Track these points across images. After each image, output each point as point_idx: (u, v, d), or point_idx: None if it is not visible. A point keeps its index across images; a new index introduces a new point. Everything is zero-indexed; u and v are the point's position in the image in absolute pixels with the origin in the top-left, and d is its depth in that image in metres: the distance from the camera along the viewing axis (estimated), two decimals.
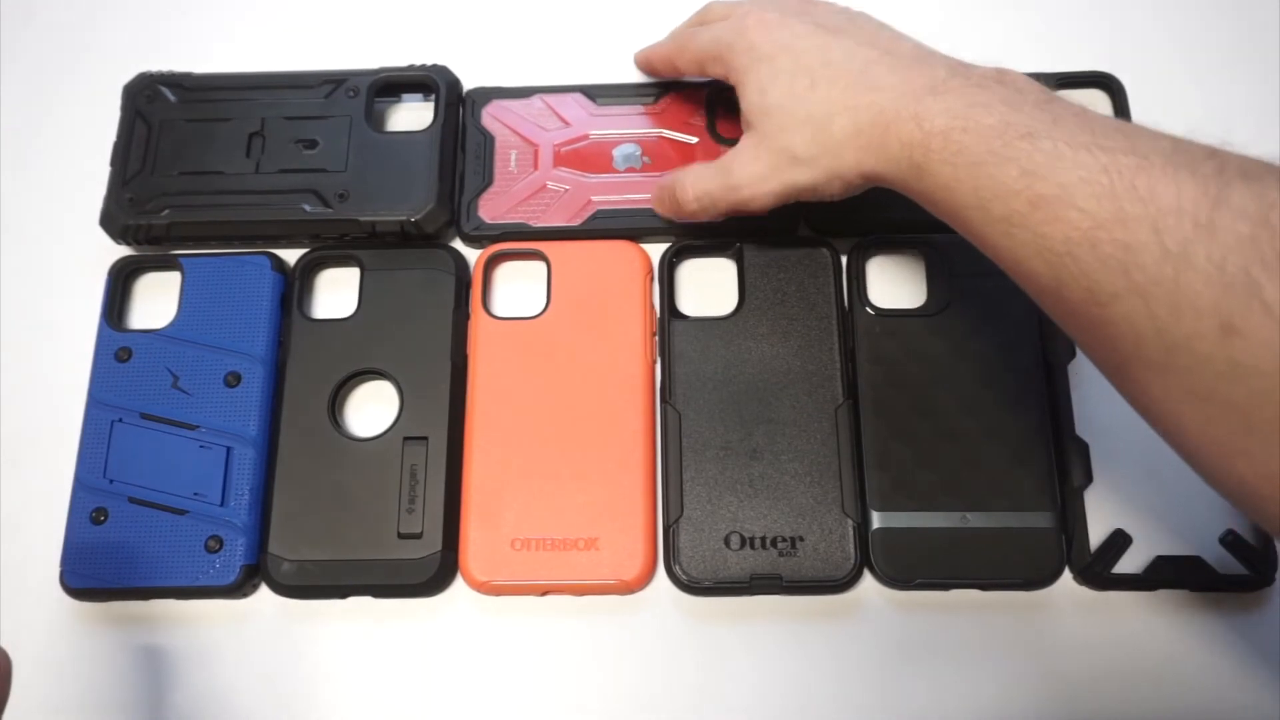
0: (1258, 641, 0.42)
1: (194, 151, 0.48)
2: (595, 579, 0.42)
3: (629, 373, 0.45)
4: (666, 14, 0.51)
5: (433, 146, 0.48)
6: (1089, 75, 0.51)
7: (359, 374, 0.45)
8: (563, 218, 0.48)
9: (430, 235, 0.48)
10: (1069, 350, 0.44)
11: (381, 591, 0.42)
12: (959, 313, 0.45)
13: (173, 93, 0.50)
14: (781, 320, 0.46)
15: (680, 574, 0.42)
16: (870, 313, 0.45)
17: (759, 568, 0.42)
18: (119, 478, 0.43)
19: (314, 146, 0.48)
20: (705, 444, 0.43)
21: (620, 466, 0.43)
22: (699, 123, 0.50)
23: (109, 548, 0.42)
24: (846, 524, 0.42)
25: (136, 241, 0.48)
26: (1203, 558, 0.41)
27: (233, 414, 0.44)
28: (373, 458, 0.44)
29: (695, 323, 0.46)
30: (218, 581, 0.42)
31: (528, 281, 0.48)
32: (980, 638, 0.42)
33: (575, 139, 0.50)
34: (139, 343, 0.46)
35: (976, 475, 0.43)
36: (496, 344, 0.46)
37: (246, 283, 0.47)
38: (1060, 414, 0.43)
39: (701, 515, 0.42)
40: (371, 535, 0.42)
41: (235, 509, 0.43)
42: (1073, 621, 0.42)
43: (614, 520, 0.43)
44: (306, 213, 0.47)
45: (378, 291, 0.47)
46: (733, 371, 0.45)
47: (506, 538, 0.42)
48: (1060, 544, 0.42)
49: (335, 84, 0.50)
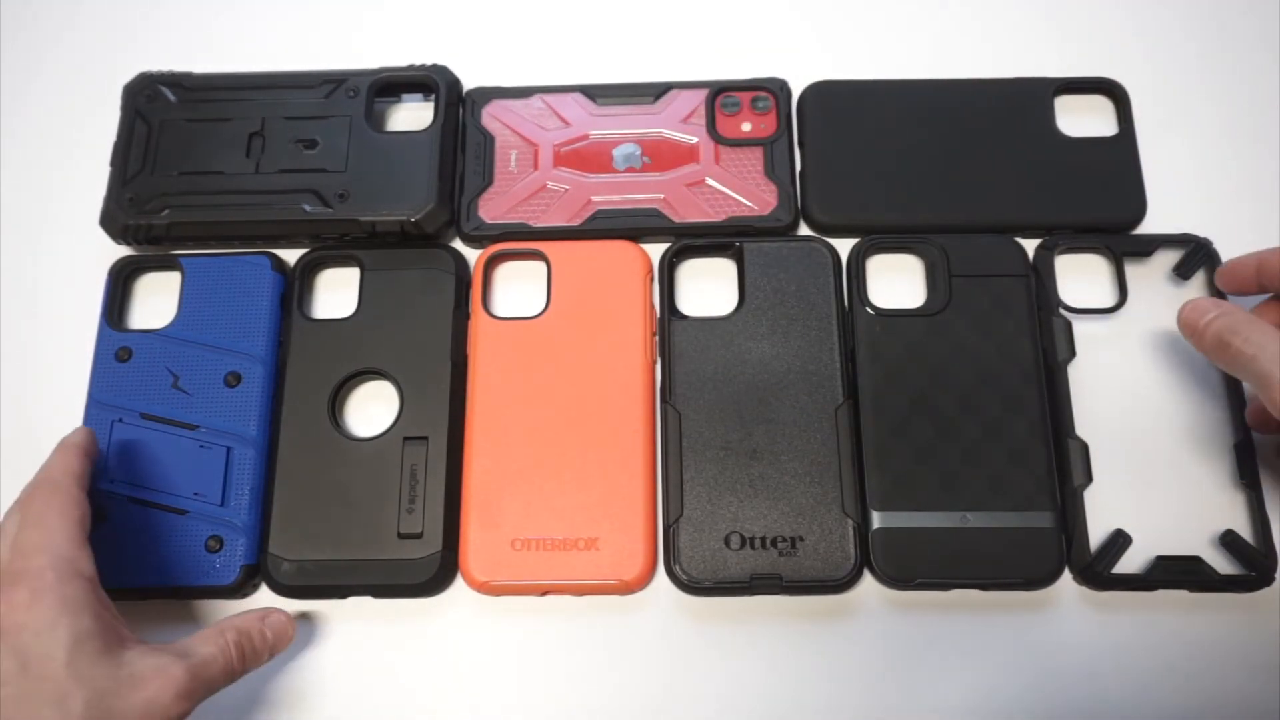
0: (1257, 642, 0.42)
1: (194, 151, 0.48)
2: (595, 579, 0.42)
3: (629, 373, 0.45)
4: (666, 14, 0.51)
5: (433, 146, 0.48)
6: (1093, 81, 0.51)
7: (359, 374, 0.46)
8: (563, 218, 0.48)
9: (430, 235, 0.48)
10: (1069, 350, 0.44)
11: (381, 591, 0.42)
12: (959, 313, 0.45)
13: (173, 93, 0.50)
14: (781, 320, 0.46)
15: (680, 574, 0.42)
16: (870, 312, 0.45)
17: (759, 568, 0.42)
18: (119, 478, 0.43)
19: (314, 146, 0.48)
20: (705, 444, 0.43)
21: (620, 466, 0.43)
22: (699, 123, 0.50)
23: (109, 548, 0.42)
24: (846, 524, 0.42)
25: (136, 241, 0.48)
26: (1202, 558, 0.41)
27: (233, 414, 0.44)
28: (373, 458, 0.44)
29: (695, 322, 0.46)
30: (218, 581, 0.42)
31: (528, 281, 0.48)
32: (980, 638, 0.42)
33: (575, 139, 0.50)
34: (139, 343, 0.46)
35: (976, 475, 0.43)
36: (496, 344, 0.46)
37: (246, 283, 0.47)
38: (1060, 414, 0.44)
39: (701, 515, 0.42)
40: (371, 535, 0.42)
41: (235, 509, 0.43)
42: (1072, 621, 0.42)
43: (614, 520, 0.43)
44: (306, 213, 0.47)
45: (378, 291, 0.47)
46: (733, 371, 0.45)
47: (506, 538, 0.42)
48: (1060, 544, 0.42)
49: (335, 84, 0.50)
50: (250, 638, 0.38)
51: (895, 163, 0.49)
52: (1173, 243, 0.46)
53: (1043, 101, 0.50)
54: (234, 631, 0.37)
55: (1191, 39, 0.53)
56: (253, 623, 0.38)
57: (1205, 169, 0.50)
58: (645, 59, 0.53)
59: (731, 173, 0.49)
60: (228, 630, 0.37)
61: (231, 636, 0.37)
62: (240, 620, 0.38)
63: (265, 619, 0.39)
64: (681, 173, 0.49)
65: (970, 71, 0.51)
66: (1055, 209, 0.48)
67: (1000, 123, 0.50)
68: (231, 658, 0.37)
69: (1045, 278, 0.46)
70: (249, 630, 0.38)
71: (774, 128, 0.50)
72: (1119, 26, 0.53)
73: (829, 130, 0.50)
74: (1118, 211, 0.48)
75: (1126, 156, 0.49)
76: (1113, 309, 0.46)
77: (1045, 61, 0.51)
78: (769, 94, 0.50)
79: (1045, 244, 0.47)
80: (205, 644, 0.36)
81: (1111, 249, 0.46)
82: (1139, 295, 0.46)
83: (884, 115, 0.50)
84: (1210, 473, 0.43)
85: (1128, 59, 0.52)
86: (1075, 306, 0.45)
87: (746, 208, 0.48)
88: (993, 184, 0.48)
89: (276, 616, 0.40)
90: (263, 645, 0.39)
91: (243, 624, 0.38)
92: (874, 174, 0.49)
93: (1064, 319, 0.45)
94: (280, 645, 0.40)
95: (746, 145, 0.49)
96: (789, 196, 0.48)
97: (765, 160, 0.49)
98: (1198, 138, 0.51)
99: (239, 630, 0.38)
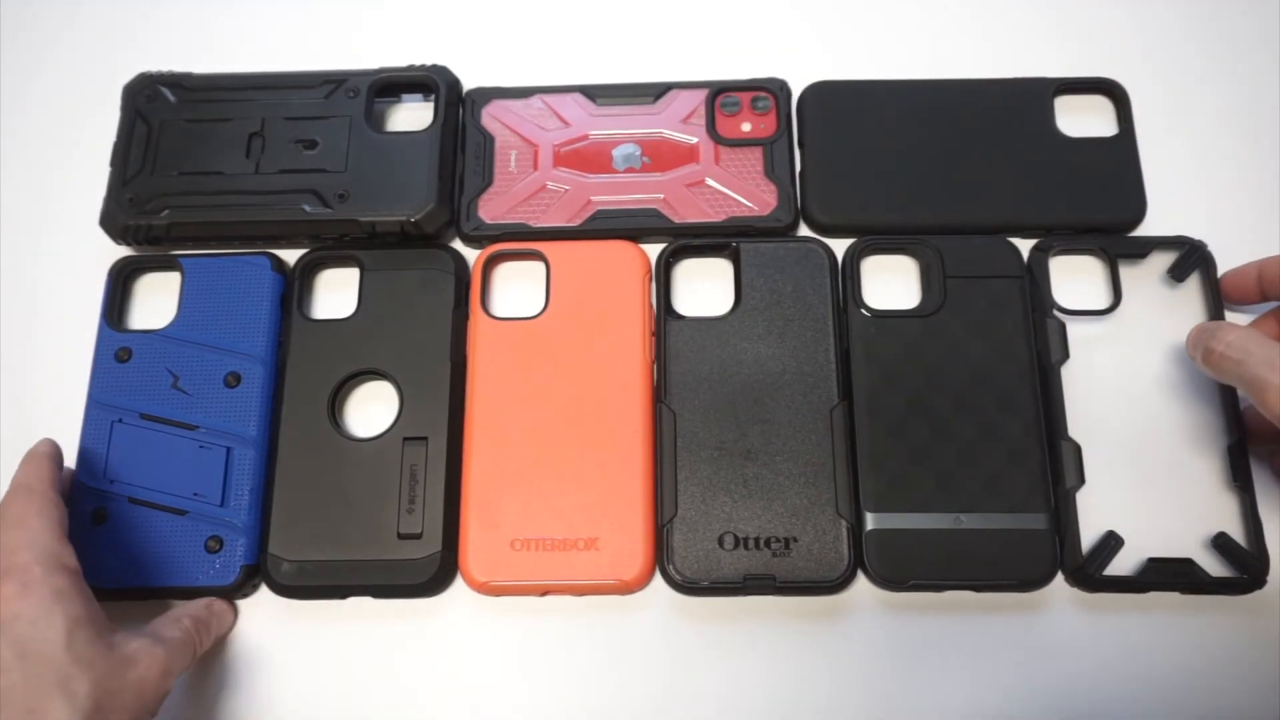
0: (1248, 644, 0.42)
1: (194, 151, 0.48)
2: (595, 579, 0.42)
3: (628, 373, 0.45)
4: (666, 14, 0.51)
5: (433, 147, 0.48)
6: (1092, 81, 0.51)
7: (359, 374, 0.46)
8: (562, 218, 0.48)
9: (430, 235, 0.48)
10: (1063, 351, 0.45)
11: (381, 592, 0.43)
12: (953, 314, 0.45)
13: (173, 93, 0.50)
14: (777, 320, 0.46)
15: (674, 574, 0.42)
16: (865, 314, 0.46)
17: (753, 568, 0.42)
18: (119, 478, 0.44)
19: (314, 146, 0.48)
20: (700, 444, 0.44)
21: (620, 466, 0.44)
22: (699, 123, 0.50)
23: (109, 548, 0.42)
24: (840, 525, 0.42)
25: (136, 241, 0.48)
26: (1194, 560, 0.42)
27: (233, 414, 0.44)
28: (372, 458, 0.44)
29: (691, 322, 0.46)
30: (218, 582, 0.42)
31: (527, 282, 0.48)
32: (973, 639, 0.42)
33: (575, 139, 0.50)
34: (139, 343, 0.46)
35: (970, 477, 0.43)
36: (496, 344, 0.46)
37: (246, 283, 0.47)
38: (1053, 416, 0.44)
39: (695, 515, 0.43)
40: (371, 535, 0.43)
41: (235, 509, 0.43)
42: (1065, 623, 0.43)
43: (614, 520, 0.43)
44: (306, 213, 0.47)
45: (377, 291, 0.47)
46: (728, 371, 0.45)
47: (506, 538, 0.43)
48: (1054, 545, 0.42)
49: (335, 84, 0.50)
50: (203, 624, 0.40)
51: (895, 163, 0.49)
52: (1167, 245, 0.46)
53: (1043, 101, 0.50)
54: (189, 619, 0.40)
55: (1191, 39, 0.53)
56: (201, 610, 0.41)
57: (1205, 169, 0.50)
58: (645, 59, 0.53)
59: (731, 173, 0.49)
60: (183, 618, 0.40)
61: (188, 623, 0.40)
62: (190, 609, 0.41)
63: (210, 607, 0.42)
64: (681, 173, 0.49)
65: (970, 71, 0.51)
66: (1055, 209, 0.48)
67: (1000, 123, 0.50)
68: (194, 641, 0.39)
69: (1040, 279, 0.46)
70: (200, 617, 0.41)
71: (774, 128, 0.50)
72: (1119, 26, 0.53)
73: (829, 130, 0.50)
74: (1117, 212, 0.48)
75: (1126, 157, 0.49)
76: (1107, 311, 0.46)
77: (1045, 61, 0.51)
78: (769, 94, 0.50)
79: (1040, 245, 0.47)
80: (171, 628, 0.39)
81: (1106, 250, 0.47)
82: (1133, 297, 0.46)
83: (884, 115, 0.50)
84: (1203, 475, 0.43)
85: (1128, 59, 0.52)
86: (1069, 308, 0.46)
87: (746, 208, 0.48)
88: (993, 184, 0.48)
89: (219, 605, 0.42)
90: (213, 630, 0.41)
91: (194, 611, 0.41)
92: (874, 174, 0.49)
93: (1058, 320, 0.45)
94: (223, 630, 0.42)
95: (746, 145, 0.49)
96: (789, 197, 0.48)
97: (765, 160, 0.49)
98: (1198, 138, 0.51)
99: (193, 618, 0.40)
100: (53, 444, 0.41)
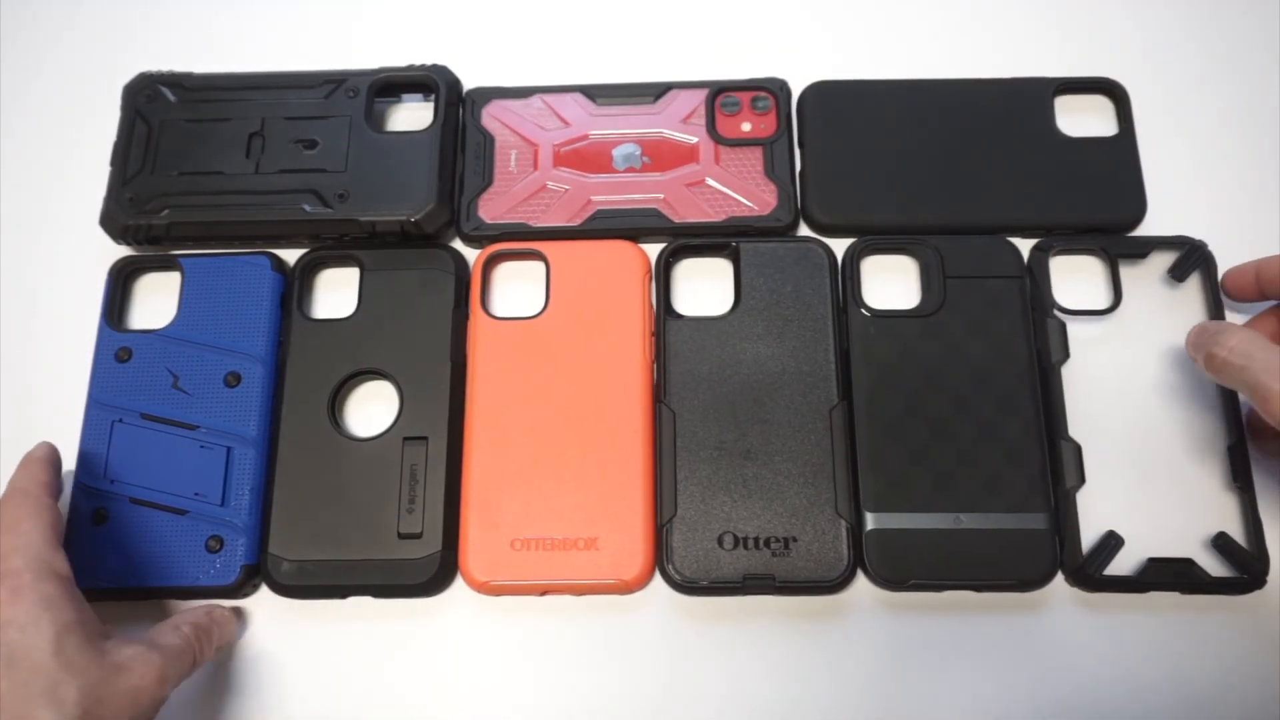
0: (1248, 644, 0.42)
1: (194, 151, 0.48)
2: (595, 579, 0.42)
3: (628, 372, 0.45)
4: (666, 14, 0.51)
5: (433, 146, 0.48)
6: (1092, 81, 0.51)
7: (359, 374, 0.46)
8: (562, 218, 0.48)
9: (430, 235, 0.48)
10: (1063, 351, 0.45)
11: (381, 591, 0.43)
12: (953, 314, 0.45)
13: (173, 93, 0.50)
14: (777, 320, 0.46)
15: (674, 574, 0.42)
16: (865, 313, 0.46)
17: (752, 568, 0.42)
18: (119, 478, 0.44)
19: (314, 146, 0.48)
20: (699, 444, 0.44)
21: (620, 466, 0.44)
22: (699, 122, 0.50)
23: (109, 548, 0.43)
24: (840, 525, 0.42)
25: (136, 241, 0.48)
26: (1194, 560, 0.42)
27: (233, 414, 0.44)
28: (372, 458, 0.44)
29: (690, 322, 0.46)
30: (218, 581, 0.42)
31: (527, 281, 0.48)
32: (973, 639, 0.42)
33: (575, 139, 0.50)
34: (139, 343, 0.46)
35: (970, 476, 0.43)
36: (496, 344, 0.46)
37: (246, 283, 0.47)
38: (1053, 415, 0.44)
39: (695, 515, 0.43)
40: (371, 535, 0.43)
41: (235, 509, 0.43)
42: (1065, 623, 0.43)
43: (614, 520, 0.43)
44: (306, 213, 0.47)
45: (377, 291, 0.47)
46: (728, 371, 0.45)
47: (506, 538, 0.43)
48: (1053, 545, 0.42)
49: (335, 84, 0.50)
50: (203, 630, 0.40)
51: (895, 163, 0.49)
52: (1168, 244, 0.47)
53: (1043, 101, 0.50)
54: (189, 626, 0.39)
55: (1191, 39, 0.53)
56: (202, 617, 0.40)
57: (1205, 169, 0.50)
58: (645, 59, 0.53)
59: (731, 173, 0.49)
60: (183, 625, 0.39)
61: (188, 630, 0.39)
62: (191, 615, 0.40)
63: (211, 614, 0.41)
64: (681, 173, 0.49)
65: (970, 71, 0.51)
66: (1055, 209, 0.48)
67: (1001, 123, 0.50)
68: (194, 649, 0.39)
69: (1040, 279, 0.46)
70: (201, 624, 0.40)
71: (774, 128, 0.50)
72: (1119, 26, 0.53)
73: (829, 130, 0.50)
74: (1118, 211, 0.48)
75: (1126, 157, 0.49)
76: (1107, 310, 0.46)
77: (1045, 61, 0.51)
78: (769, 94, 0.50)
79: (1040, 245, 0.47)
80: (169, 635, 0.38)
81: (1106, 250, 0.47)
82: (1133, 297, 0.46)
83: (884, 115, 0.50)
84: (1203, 475, 0.43)
85: (1128, 59, 0.52)
86: (1070, 308, 0.46)
87: (746, 208, 0.48)
88: (993, 184, 0.48)
89: (220, 612, 0.42)
90: (214, 638, 0.40)
91: (195, 619, 0.40)
92: (874, 174, 0.49)
93: (1058, 320, 0.45)
94: (226, 638, 0.42)
95: (746, 145, 0.49)
96: (789, 196, 0.48)
97: (765, 160, 0.49)
98: (1198, 138, 0.51)
99: (194, 625, 0.39)
100: (50, 447, 0.41)
